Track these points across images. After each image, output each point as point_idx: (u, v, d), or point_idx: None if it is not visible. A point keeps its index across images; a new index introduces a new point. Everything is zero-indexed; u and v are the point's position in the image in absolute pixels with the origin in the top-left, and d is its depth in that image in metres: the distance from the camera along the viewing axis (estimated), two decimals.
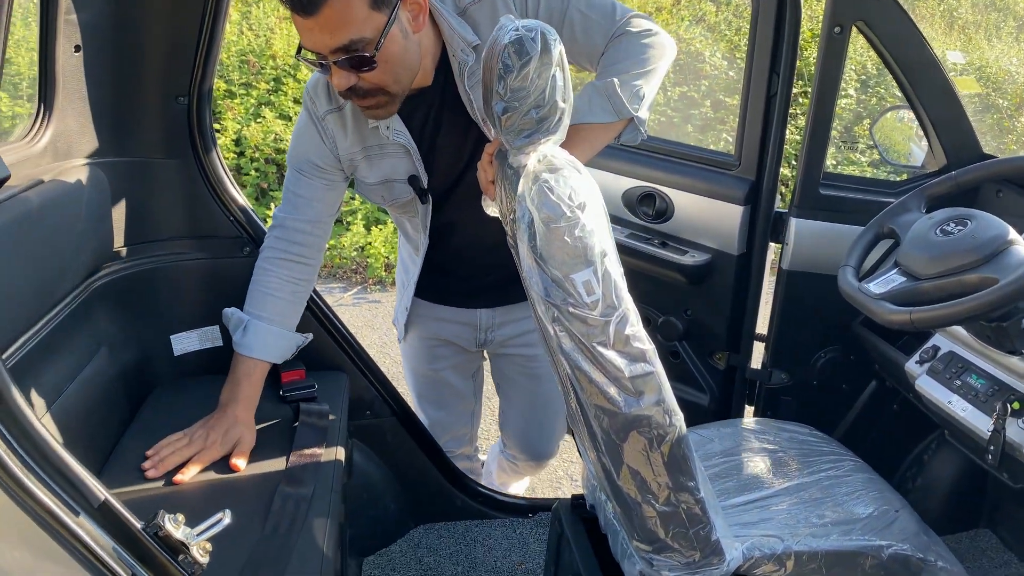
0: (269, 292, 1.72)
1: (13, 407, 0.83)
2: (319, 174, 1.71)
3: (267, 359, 1.69)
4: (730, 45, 7.33)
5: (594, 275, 1.23)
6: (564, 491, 3.05)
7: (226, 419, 1.59)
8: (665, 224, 2.23)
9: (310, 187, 1.71)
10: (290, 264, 1.73)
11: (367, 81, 1.47)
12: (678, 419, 1.32)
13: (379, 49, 1.42)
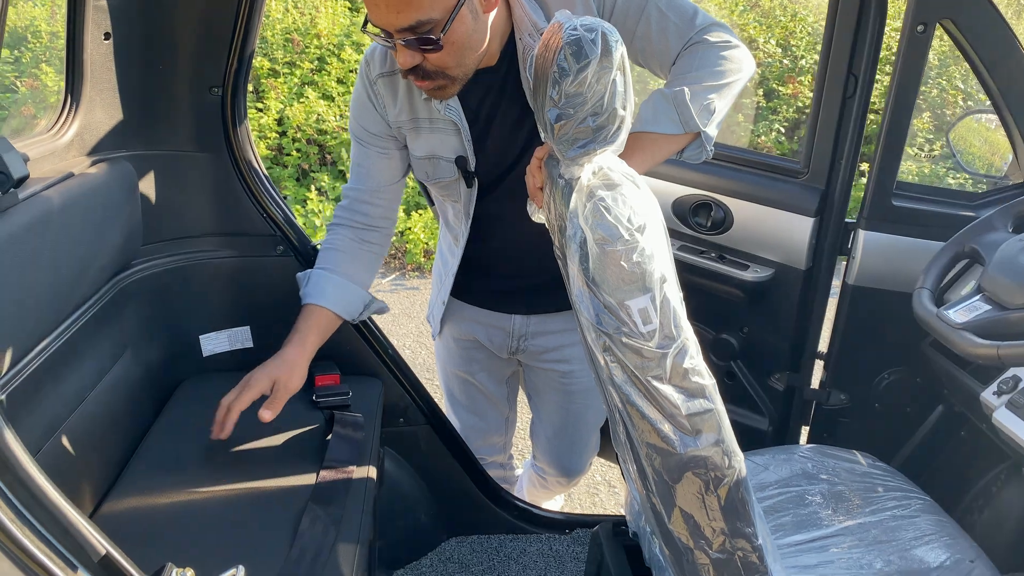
0: (334, 247, 1.70)
1: (6, 451, 0.74)
2: (372, 141, 1.67)
3: (325, 305, 1.64)
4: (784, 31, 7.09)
5: (651, 303, 1.12)
6: (601, 497, 2.95)
7: (274, 359, 1.57)
8: (722, 236, 2.10)
9: (366, 155, 1.69)
10: (356, 229, 1.71)
11: (431, 62, 1.41)
12: (738, 460, 1.20)
13: (446, 31, 1.35)
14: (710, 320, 2.18)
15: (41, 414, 1.30)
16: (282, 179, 5.72)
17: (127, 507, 1.40)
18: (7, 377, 1.21)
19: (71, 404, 1.39)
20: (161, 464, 1.53)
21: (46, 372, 1.33)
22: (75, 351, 1.45)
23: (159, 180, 1.70)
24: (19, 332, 1.24)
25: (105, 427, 1.49)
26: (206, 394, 1.78)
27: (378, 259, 1.76)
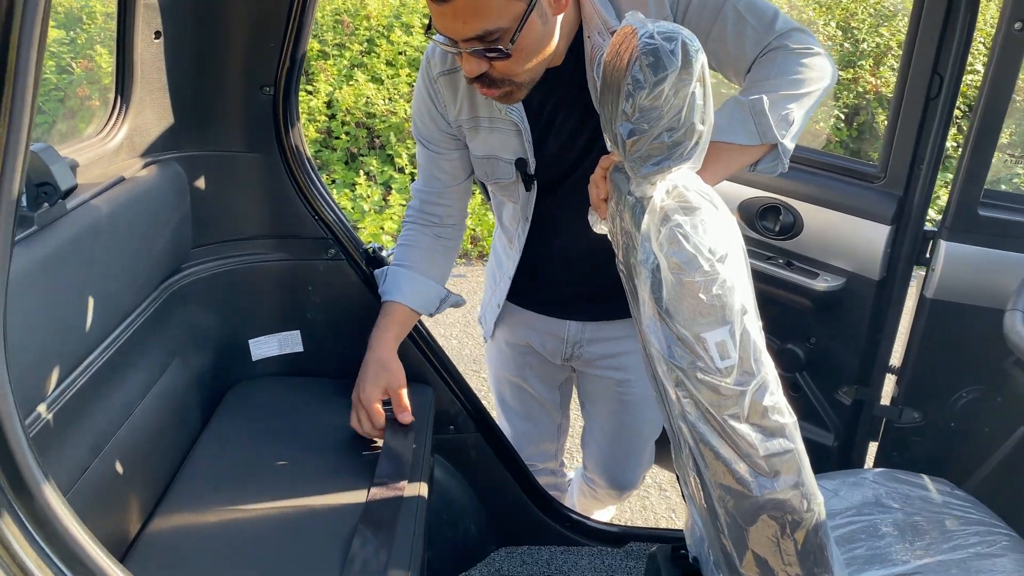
0: (408, 244, 1.71)
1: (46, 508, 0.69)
2: (435, 142, 1.65)
3: (402, 301, 1.66)
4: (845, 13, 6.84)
5: (730, 336, 1.04)
6: (652, 501, 2.88)
7: (371, 369, 1.60)
8: (791, 241, 1.99)
9: (431, 157, 1.68)
10: (427, 227, 1.72)
11: (498, 70, 1.35)
12: (817, 504, 1.12)
13: (515, 40, 1.29)
14: (776, 329, 2.08)
15: (88, 431, 1.27)
16: (331, 163, 5.70)
17: (174, 525, 1.37)
18: (53, 395, 1.17)
19: (119, 418, 1.36)
20: (209, 478, 1.49)
21: (93, 387, 1.29)
22: (123, 362, 1.41)
23: (209, 182, 1.65)
24: (66, 348, 1.21)
25: (153, 439, 1.46)
26: (255, 400, 1.74)
27: (453, 252, 1.76)
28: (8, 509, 0.68)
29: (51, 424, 1.15)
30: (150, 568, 1.27)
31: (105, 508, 1.28)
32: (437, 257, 1.72)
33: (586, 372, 1.93)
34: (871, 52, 6.37)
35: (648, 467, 2.09)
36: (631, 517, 2.80)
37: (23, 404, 1.06)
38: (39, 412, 1.13)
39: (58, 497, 0.70)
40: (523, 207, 1.65)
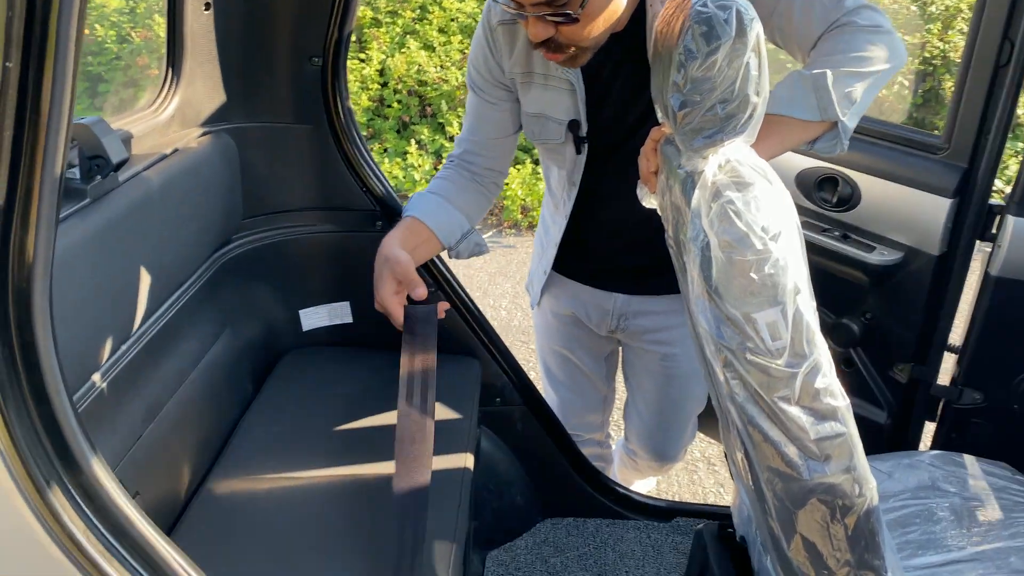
0: (441, 177, 1.66)
1: (93, 481, 0.71)
2: (486, 90, 1.61)
3: (422, 218, 1.56)
4: None
5: (782, 316, 1.00)
6: (700, 475, 2.86)
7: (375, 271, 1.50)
8: (848, 213, 1.93)
9: (481, 106, 1.64)
10: (466, 173, 1.68)
11: (564, 35, 1.32)
12: (870, 489, 1.09)
13: (585, 5, 1.26)
14: (830, 303, 2.03)
15: (142, 399, 1.30)
16: (383, 131, 5.71)
17: (225, 491, 1.40)
18: (107, 365, 1.20)
19: (171, 387, 1.39)
20: (260, 445, 1.52)
21: (146, 356, 1.32)
22: (176, 332, 1.44)
23: (259, 153, 1.66)
24: (119, 318, 1.23)
25: (205, 407, 1.49)
26: (306, 369, 1.77)
27: (486, 201, 1.70)
28: (58, 482, 0.69)
29: (105, 393, 1.18)
30: (201, 532, 1.31)
31: (158, 474, 1.31)
32: (469, 195, 1.65)
33: (631, 345, 1.91)
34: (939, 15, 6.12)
35: (691, 441, 2.07)
36: (678, 491, 2.78)
37: (78, 374, 1.09)
38: (93, 381, 1.15)
39: (105, 471, 0.72)
40: (571, 172, 1.63)
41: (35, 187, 0.64)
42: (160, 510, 1.30)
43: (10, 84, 0.60)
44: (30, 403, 0.67)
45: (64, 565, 0.71)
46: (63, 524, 0.70)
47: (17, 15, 0.58)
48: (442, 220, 1.60)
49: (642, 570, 1.91)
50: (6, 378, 0.66)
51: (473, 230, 1.68)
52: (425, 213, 1.58)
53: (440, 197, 1.62)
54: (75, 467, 0.70)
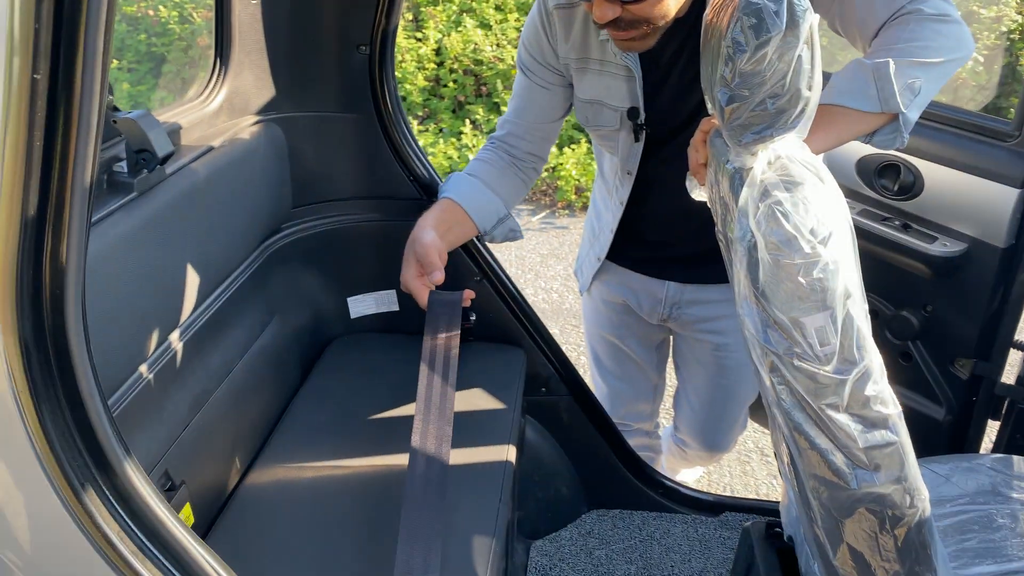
0: (480, 160, 1.65)
1: (127, 484, 0.72)
2: (538, 73, 1.59)
3: (459, 201, 1.56)
4: None
5: (831, 321, 0.97)
6: (752, 466, 2.81)
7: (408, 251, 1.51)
8: (910, 202, 1.86)
9: (530, 88, 1.61)
10: (506, 156, 1.65)
11: (632, 12, 1.28)
12: (922, 499, 1.05)
13: None
14: (889, 295, 1.96)
15: (189, 388, 1.32)
16: (439, 111, 5.71)
17: (272, 478, 1.42)
18: (154, 356, 1.22)
19: (219, 375, 1.41)
20: (307, 432, 1.54)
21: (194, 346, 1.34)
22: (224, 320, 1.46)
23: (307, 143, 1.67)
24: (167, 310, 1.25)
25: (252, 395, 1.51)
26: (353, 356, 1.78)
27: (524, 187, 1.68)
28: (92, 484, 0.71)
29: (152, 384, 1.20)
30: (247, 520, 1.33)
31: (204, 462, 1.33)
32: (507, 180, 1.64)
33: (683, 334, 1.88)
34: None
35: (742, 431, 2.03)
36: (730, 482, 2.74)
37: (125, 365, 1.11)
38: (140, 372, 1.18)
39: (139, 473, 0.73)
40: (625, 160, 1.59)
41: (66, 196, 0.64)
42: (205, 498, 1.33)
43: (39, 95, 0.60)
44: (65, 407, 0.68)
45: (99, 565, 0.73)
46: (98, 525, 0.71)
47: (44, 27, 0.58)
48: (479, 203, 1.59)
49: (688, 565, 1.89)
50: (41, 383, 0.67)
51: (509, 215, 1.67)
52: (462, 195, 1.57)
53: (478, 180, 1.61)
54: (109, 470, 0.71)
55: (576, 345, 3.49)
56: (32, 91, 0.60)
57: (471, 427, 1.57)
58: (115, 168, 1.19)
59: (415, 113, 5.72)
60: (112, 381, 1.09)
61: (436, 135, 5.52)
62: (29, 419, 0.68)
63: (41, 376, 0.67)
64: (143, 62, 5.99)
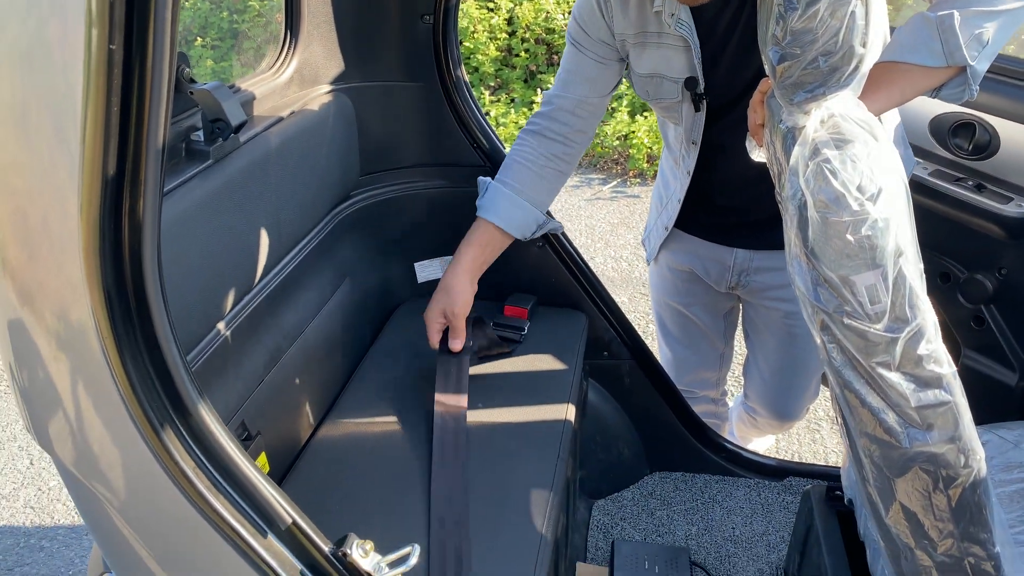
0: (518, 160, 1.64)
1: (201, 425, 0.78)
2: (592, 48, 1.58)
3: (496, 221, 1.61)
4: None
5: (882, 279, 0.97)
6: (823, 434, 2.79)
7: (438, 291, 1.61)
8: (985, 162, 1.80)
9: (581, 62, 1.59)
10: (548, 141, 1.64)
11: None
12: (977, 460, 1.05)
13: None
14: (962, 257, 1.91)
15: (264, 346, 1.39)
16: (511, 81, 5.72)
17: (341, 433, 1.49)
18: (231, 315, 1.30)
19: (292, 334, 1.48)
20: (376, 389, 1.60)
21: (268, 306, 1.41)
22: (296, 283, 1.53)
23: (374, 112, 1.72)
24: (242, 271, 1.32)
25: (323, 353, 1.58)
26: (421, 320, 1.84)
27: (562, 179, 1.69)
28: (170, 423, 0.77)
29: (229, 340, 1.27)
30: (315, 474, 1.40)
31: (278, 416, 1.41)
32: (545, 182, 1.65)
33: (752, 302, 1.87)
34: None
35: (814, 399, 2.02)
36: (798, 450, 2.72)
37: (203, 323, 1.19)
38: (218, 329, 1.25)
39: (212, 415, 0.79)
40: (689, 130, 1.59)
41: (142, 157, 0.70)
42: (279, 449, 1.41)
43: (116, 64, 0.66)
44: (144, 352, 0.75)
45: (177, 498, 0.79)
46: (175, 461, 0.78)
47: (118, 2, 0.63)
48: (517, 219, 1.63)
49: (749, 527, 1.90)
50: (123, 330, 0.74)
51: (548, 219, 1.71)
52: (499, 215, 1.61)
53: (513, 191, 1.62)
54: (184, 411, 0.78)
55: (644, 314, 3.49)
56: (109, 61, 0.66)
57: (531, 388, 1.61)
58: (192, 137, 1.25)
59: (487, 83, 5.74)
60: (192, 336, 1.17)
61: (508, 105, 5.54)
62: (114, 363, 0.75)
63: (123, 323, 0.74)
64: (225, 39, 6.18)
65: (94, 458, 0.82)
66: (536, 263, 1.83)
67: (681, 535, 1.89)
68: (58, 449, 0.85)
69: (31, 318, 0.77)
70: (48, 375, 0.80)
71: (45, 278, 0.75)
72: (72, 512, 2.52)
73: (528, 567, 1.23)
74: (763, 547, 1.85)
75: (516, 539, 1.27)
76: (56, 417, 0.83)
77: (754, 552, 1.84)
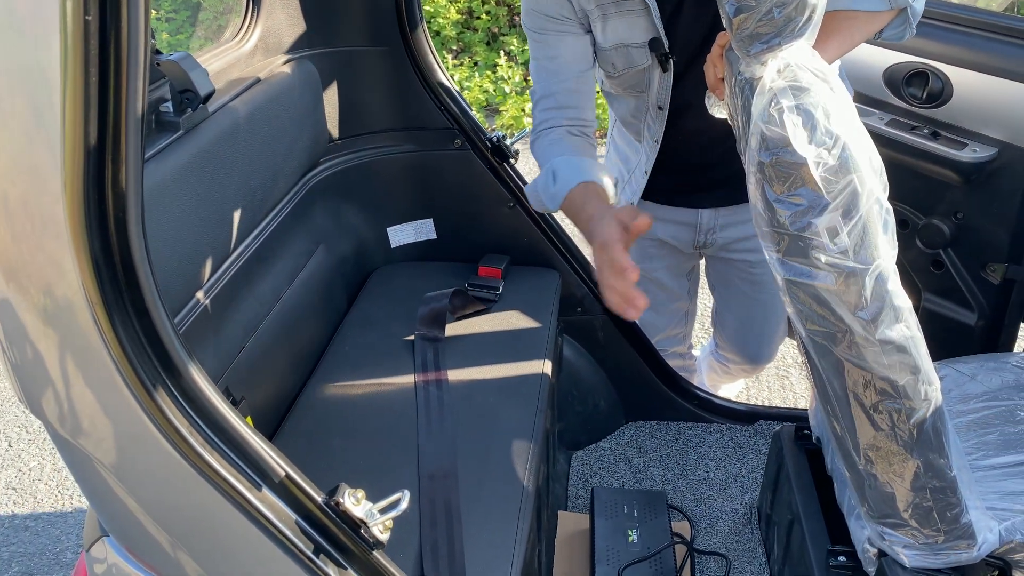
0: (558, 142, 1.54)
1: (192, 385, 0.81)
2: (562, 25, 1.54)
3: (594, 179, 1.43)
4: None
5: (842, 220, 1.01)
6: (791, 380, 2.87)
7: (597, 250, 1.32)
8: (939, 109, 1.85)
9: (558, 41, 1.55)
10: (569, 133, 1.55)
11: None
12: (935, 390, 1.10)
13: None
14: (919, 203, 1.97)
15: (242, 313, 1.41)
16: (472, 44, 5.69)
17: (323, 397, 1.52)
18: (209, 283, 1.32)
19: (270, 301, 1.51)
20: (355, 353, 1.63)
21: (245, 275, 1.43)
22: (271, 251, 1.55)
23: (340, 78, 1.73)
24: (218, 240, 1.34)
25: (302, 319, 1.61)
26: (395, 284, 1.87)
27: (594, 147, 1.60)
28: (163, 385, 0.80)
29: (209, 309, 1.29)
30: (301, 435, 1.44)
31: (261, 381, 1.44)
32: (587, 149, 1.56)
33: (719, 256, 1.91)
34: None
35: (783, 339, 2.07)
36: (768, 396, 2.80)
37: (182, 292, 1.21)
38: (198, 298, 1.27)
39: (202, 375, 0.82)
40: (656, 95, 1.60)
41: (122, 125, 0.72)
42: (264, 413, 1.43)
43: (92, 35, 0.67)
44: (133, 317, 0.77)
45: (173, 457, 0.82)
46: (169, 420, 0.80)
47: None
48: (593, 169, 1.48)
49: (723, 470, 1.97)
50: (112, 297, 0.76)
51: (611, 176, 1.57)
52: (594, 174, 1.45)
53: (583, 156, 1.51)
54: (175, 372, 0.80)
55: None
56: (85, 31, 0.67)
57: (508, 345, 1.65)
58: (161, 108, 1.26)
59: (449, 47, 5.71)
60: (172, 306, 1.19)
61: (471, 69, 5.52)
62: (105, 331, 0.77)
63: (111, 290, 0.76)
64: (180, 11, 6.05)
65: (89, 423, 0.85)
66: (508, 223, 1.86)
67: (658, 480, 1.95)
68: (51, 416, 0.87)
69: (18, 296, 0.79)
70: (37, 350, 0.82)
71: (30, 255, 0.77)
72: (55, 491, 2.53)
73: (512, 516, 1.28)
74: (737, 488, 1.92)
75: (500, 489, 1.32)
76: (48, 386, 0.85)
77: (728, 493, 1.91)
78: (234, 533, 0.86)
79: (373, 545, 0.89)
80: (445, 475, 1.33)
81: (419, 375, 1.56)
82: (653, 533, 1.69)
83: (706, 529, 1.82)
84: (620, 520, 1.73)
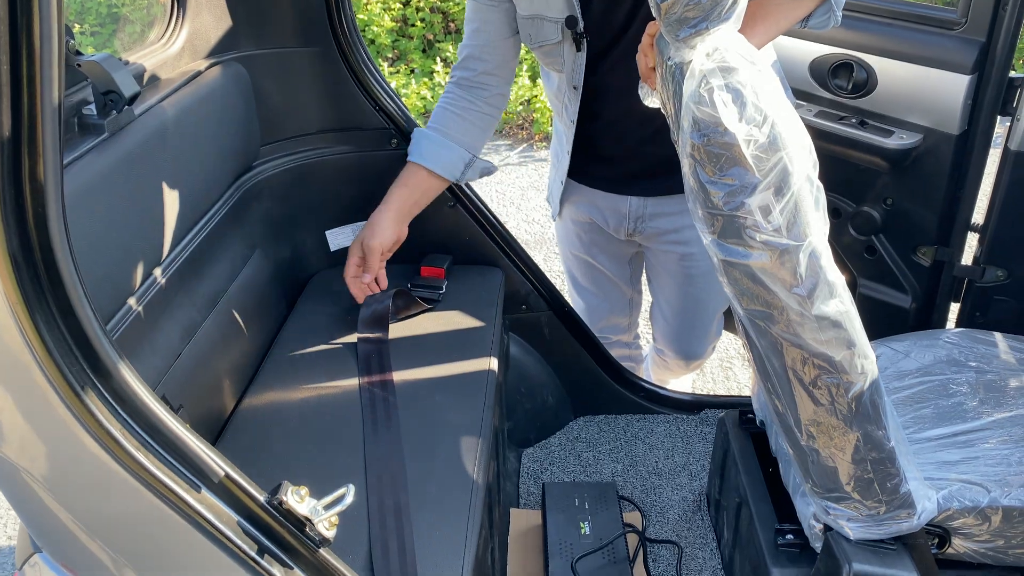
0: (441, 106, 1.73)
1: (124, 386, 0.78)
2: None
3: (420, 162, 1.68)
4: None
5: (774, 198, 1.03)
6: (735, 371, 2.91)
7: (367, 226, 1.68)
8: (865, 99, 1.90)
9: (478, 10, 1.66)
10: (466, 88, 1.72)
11: None
12: (871, 363, 1.13)
13: None
14: (850, 192, 2.02)
15: (177, 320, 1.37)
16: (408, 51, 5.67)
17: (264, 403, 1.49)
18: (141, 290, 1.28)
19: (206, 307, 1.47)
20: (296, 359, 1.60)
21: (179, 280, 1.39)
22: (206, 256, 1.51)
23: (271, 79, 1.70)
24: (149, 245, 1.30)
25: (240, 326, 1.57)
26: (335, 287, 1.84)
27: (490, 120, 1.74)
28: (92, 387, 0.77)
29: (142, 315, 1.26)
30: (243, 442, 1.40)
31: (200, 389, 1.40)
32: (469, 122, 1.71)
33: (650, 247, 1.93)
34: None
35: (716, 338, 2.10)
36: (713, 387, 2.84)
37: (113, 298, 1.17)
38: (129, 305, 1.23)
39: (134, 376, 0.79)
40: (571, 74, 1.63)
41: (37, 115, 0.69)
42: (204, 421, 1.40)
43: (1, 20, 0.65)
44: (57, 317, 0.74)
45: (106, 461, 0.79)
46: (100, 424, 0.77)
47: None
48: (442, 158, 1.68)
49: (671, 459, 1.99)
50: (34, 296, 0.73)
51: (475, 158, 1.73)
52: (423, 156, 1.67)
53: (438, 133, 1.69)
54: (105, 373, 0.77)
55: (560, 272, 3.55)
56: None
57: (453, 344, 1.64)
58: (84, 111, 1.22)
59: (384, 55, 5.68)
60: (103, 312, 1.15)
61: (408, 76, 5.50)
62: (27, 330, 0.74)
63: (32, 289, 0.73)
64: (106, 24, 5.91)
65: (12, 431, 0.81)
66: (450, 223, 1.85)
67: (608, 473, 1.96)
68: None
69: None
70: None
71: None
72: None
73: (462, 513, 1.27)
74: (686, 476, 1.94)
75: (450, 488, 1.31)
76: None
77: (677, 482, 1.93)
78: (174, 539, 0.84)
79: (319, 543, 0.87)
80: (393, 475, 1.31)
81: (363, 377, 1.54)
82: (605, 524, 1.70)
83: (657, 518, 1.84)
84: (572, 513, 1.73)
